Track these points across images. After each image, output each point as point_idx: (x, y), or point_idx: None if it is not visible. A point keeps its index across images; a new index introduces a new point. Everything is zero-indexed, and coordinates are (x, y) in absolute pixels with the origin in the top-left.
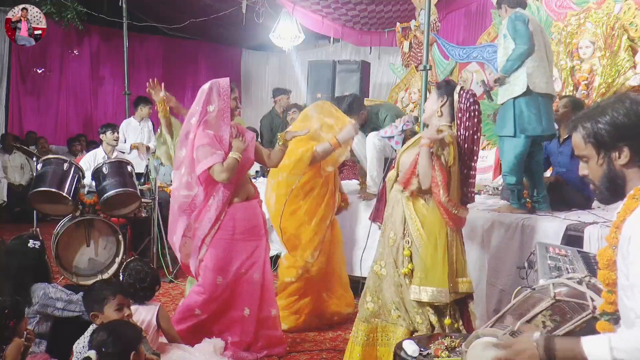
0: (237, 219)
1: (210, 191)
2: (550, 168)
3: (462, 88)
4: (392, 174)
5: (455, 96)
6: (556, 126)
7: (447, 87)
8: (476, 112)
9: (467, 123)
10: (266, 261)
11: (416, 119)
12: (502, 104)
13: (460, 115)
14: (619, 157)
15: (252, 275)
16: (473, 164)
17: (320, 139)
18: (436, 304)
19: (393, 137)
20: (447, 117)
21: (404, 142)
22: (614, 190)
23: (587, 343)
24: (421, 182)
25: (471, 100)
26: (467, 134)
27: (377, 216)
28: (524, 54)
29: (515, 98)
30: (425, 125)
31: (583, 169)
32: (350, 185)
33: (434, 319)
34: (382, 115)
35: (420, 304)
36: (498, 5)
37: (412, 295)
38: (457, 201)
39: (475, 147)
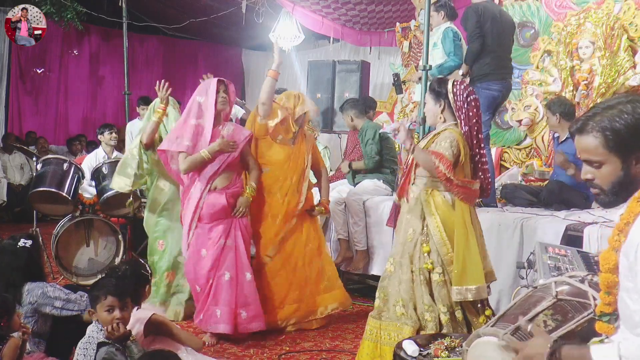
0: (205, 205)
1: (191, 179)
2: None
3: (453, 83)
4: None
5: (450, 95)
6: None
7: (441, 91)
8: (473, 102)
9: (467, 116)
10: (237, 229)
11: (423, 118)
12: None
13: (458, 113)
14: (638, 163)
15: (223, 244)
16: (481, 150)
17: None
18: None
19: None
20: (450, 118)
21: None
22: (623, 195)
23: (596, 352)
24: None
25: (465, 93)
26: (467, 127)
27: (391, 220)
28: (455, 68)
29: None
30: (434, 128)
31: (587, 174)
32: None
33: (444, 318)
34: (365, 126)
35: (444, 301)
36: (437, 10)
37: (455, 297)
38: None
39: (479, 135)
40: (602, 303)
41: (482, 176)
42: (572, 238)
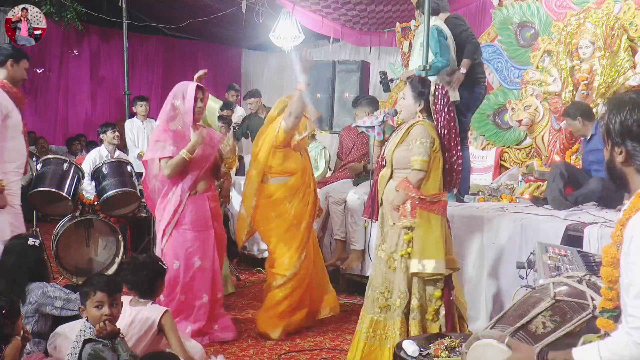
0: (188, 211)
1: (170, 185)
2: None
3: (436, 87)
4: (385, 172)
5: (431, 98)
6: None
7: (424, 91)
8: (450, 108)
9: (445, 120)
10: (215, 250)
11: (396, 111)
12: None
13: (437, 115)
14: (619, 155)
15: (205, 265)
16: (455, 152)
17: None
18: (435, 276)
19: (373, 127)
20: (426, 116)
21: (384, 134)
22: (615, 180)
23: (578, 354)
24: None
25: (445, 99)
26: (446, 130)
27: (367, 212)
28: (443, 68)
29: None
30: None
31: None
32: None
33: (415, 304)
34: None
35: (415, 280)
36: (416, 8)
37: (412, 268)
38: (437, 190)
39: (455, 137)
40: (604, 298)
41: (454, 176)
42: (572, 238)
